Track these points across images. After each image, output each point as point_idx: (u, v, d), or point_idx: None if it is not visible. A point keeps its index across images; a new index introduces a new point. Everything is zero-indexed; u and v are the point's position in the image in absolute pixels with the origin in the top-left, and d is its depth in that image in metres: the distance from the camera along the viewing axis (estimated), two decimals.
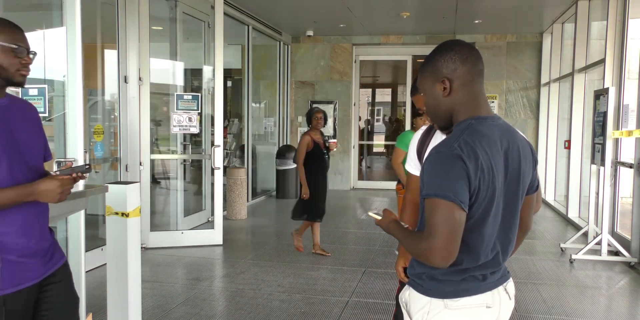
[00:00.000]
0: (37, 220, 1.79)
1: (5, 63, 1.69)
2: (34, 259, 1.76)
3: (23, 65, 1.73)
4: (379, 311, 3.76)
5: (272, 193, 9.27)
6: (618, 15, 5.66)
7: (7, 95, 1.78)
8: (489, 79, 9.42)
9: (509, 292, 1.60)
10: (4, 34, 1.68)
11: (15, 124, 1.75)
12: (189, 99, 5.55)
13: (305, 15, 8.28)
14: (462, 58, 1.50)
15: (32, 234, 1.76)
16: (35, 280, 1.77)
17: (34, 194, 1.68)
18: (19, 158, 1.72)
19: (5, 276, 1.67)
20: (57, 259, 1.88)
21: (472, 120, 1.49)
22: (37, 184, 1.68)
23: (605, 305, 3.93)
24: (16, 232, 1.71)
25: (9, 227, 1.69)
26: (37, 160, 1.82)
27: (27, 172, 1.74)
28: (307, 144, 5.12)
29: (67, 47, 3.81)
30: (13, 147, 1.71)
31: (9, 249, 1.69)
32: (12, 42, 1.69)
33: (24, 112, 1.83)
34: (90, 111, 6.04)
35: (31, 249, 1.75)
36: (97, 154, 5.41)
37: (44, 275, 1.80)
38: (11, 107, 1.77)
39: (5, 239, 1.69)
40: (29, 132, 1.80)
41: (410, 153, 2.12)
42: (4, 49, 1.68)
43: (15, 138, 1.73)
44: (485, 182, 1.40)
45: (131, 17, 5.21)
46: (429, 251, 1.37)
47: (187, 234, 5.68)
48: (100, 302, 3.59)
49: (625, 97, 5.39)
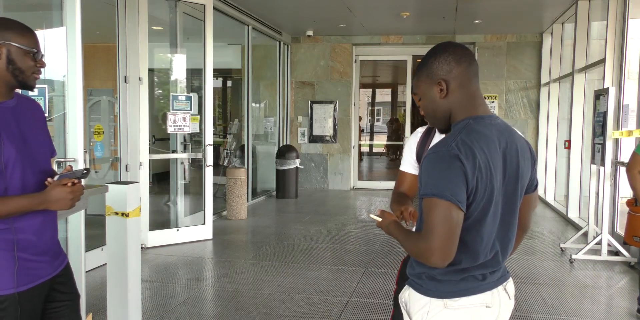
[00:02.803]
0: (48, 219, 1.81)
1: (24, 66, 1.71)
2: (45, 257, 1.79)
3: (38, 69, 1.76)
4: (379, 311, 3.76)
5: (272, 193, 9.27)
6: (618, 15, 5.66)
7: (15, 95, 1.80)
8: (489, 79, 9.43)
9: (508, 291, 1.60)
10: (24, 38, 1.71)
11: (26, 125, 1.77)
12: (183, 99, 5.68)
13: (305, 15, 8.29)
14: (456, 59, 1.51)
15: (45, 232, 1.79)
16: (46, 278, 1.79)
17: (45, 203, 1.69)
18: (30, 159, 1.74)
19: (20, 274, 1.70)
20: (62, 259, 1.92)
21: (470, 120, 1.49)
22: (49, 193, 1.69)
23: (605, 305, 3.93)
24: (31, 232, 1.73)
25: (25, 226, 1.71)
26: (46, 160, 1.84)
27: (38, 174, 1.75)
28: None
29: (67, 47, 3.82)
30: (25, 149, 1.72)
31: (24, 247, 1.71)
32: (32, 46, 1.72)
33: (31, 110, 1.84)
34: (90, 111, 6.05)
35: (43, 248, 1.78)
36: (97, 154, 5.42)
37: (54, 273, 1.83)
38: (20, 107, 1.78)
39: (21, 237, 1.71)
40: (37, 130, 1.82)
41: (406, 152, 2.13)
42: (25, 53, 1.71)
43: (27, 139, 1.74)
44: (483, 182, 1.41)
45: (131, 17, 5.21)
46: (426, 251, 1.37)
47: (182, 231, 5.82)
48: (100, 302, 3.59)
49: (625, 97, 5.39)
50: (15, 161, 1.67)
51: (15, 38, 1.68)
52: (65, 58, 3.82)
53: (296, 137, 10.11)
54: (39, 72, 1.78)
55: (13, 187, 1.67)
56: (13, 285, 1.67)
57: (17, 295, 1.68)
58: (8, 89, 1.73)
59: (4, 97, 1.73)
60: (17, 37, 1.69)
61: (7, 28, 1.69)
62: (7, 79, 1.71)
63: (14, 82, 1.73)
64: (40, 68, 1.76)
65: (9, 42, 1.67)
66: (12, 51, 1.68)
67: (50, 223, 1.83)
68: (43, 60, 1.77)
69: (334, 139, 10.04)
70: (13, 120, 1.72)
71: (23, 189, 1.70)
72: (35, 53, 1.73)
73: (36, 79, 1.78)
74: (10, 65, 1.69)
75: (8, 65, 1.69)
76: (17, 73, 1.71)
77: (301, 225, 6.76)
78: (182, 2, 5.94)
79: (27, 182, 1.71)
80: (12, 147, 1.66)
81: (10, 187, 1.67)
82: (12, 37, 1.68)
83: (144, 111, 5.34)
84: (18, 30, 1.70)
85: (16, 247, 1.69)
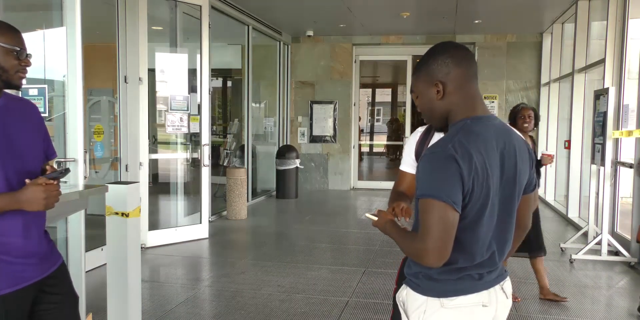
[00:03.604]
0: (34, 220, 1.78)
1: (7, 65, 1.70)
2: (31, 259, 1.77)
3: (22, 67, 1.74)
4: (379, 311, 3.76)
5: (272, 193, 9.27)
6: (618, 15, 5.66)
7: (5, 96, 1.77)
8: (489, 79, 9.43)
9: (505, 291, 1.60)
10: (5, 36, 1.70)
11: (13, 125, 1.74)
12: (180, 99, 5.71)
13: (305, 15, 8.29)
14: (455, 61, 1.50)
15: (30, 234, 1.76)
16: (33, 280, 1.77)
17: (19, 202, 1.65)
18: (15, 161, 1.71)
19: (3, 276, 1.68)
20: (54, 260, 1.89)
21: (468, 121, 1.49)
22: (22, 192, 1.65)
23: (605, 305, 3.93)
24: (14, 233, 1.71)
25: (7, 227, 1.69)
26: (35, 162, 1.81)
27: (24, 174, 1.72)
28: None
29: (67, 47, 3.81)
30: (9, 150, 1.70)
31: (7, 250, 1.70)
32: (14, 44, 1.71)
33: (22, 112, 1.82)
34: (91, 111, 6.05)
35: (29, 250, 1.76)
36: (97, 154, 5.42)
37: (42, 275, 1.80)
38: (8, 107, 1.76)
39: (3, 239, 1.69)
40: (27, 132, 1.79)
41: (406, 151, 2.13)
42: (7, 51, 1.69)
43: (13, 140, 1.72)
44: (479, 183, 1.41)
45: (131, 17, 5.22)
46: (422, 251, 1.38)
47: (180, 230, 5.85)
48: (100, 302, 3.59)
49: (625, 97, 5.39)
50: None
51: None
52: (65, 58, 3.82)
53: (296, 137, 10.11)
54: (24, 71, 1.76)
55: None
56: None
57: (1, 298, 1.67)
58: None
59: None
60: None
61: None
62: None
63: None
64: (25, 67, 1.75)
65: None
66: None
67: (36, 224, 1.80)
68: (28, 59, 1.75)
69: (334, 139, 10.04)
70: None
71: (8, 189, 1.67)
72: (18, 51, 1.71)
73: (21, 78, 1.76)
74: None
75: None
76: (0, 72, 1.69)
77: (301, 225, 6.76)
78: (182, 3, 5.95)
79: (11, 183, 1.69)
80: None
81: None
82: None
83: (143, 111, 5.35)
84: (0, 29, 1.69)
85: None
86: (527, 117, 3.86)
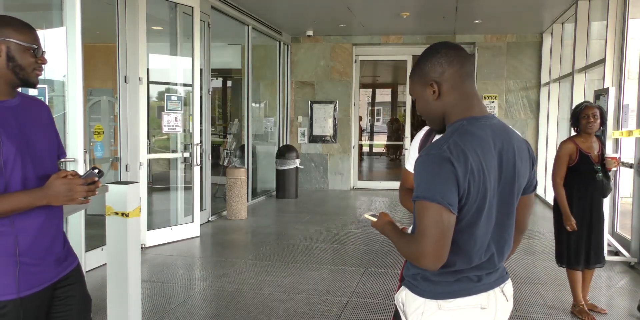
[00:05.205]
0: (52, 221, 1.77)
1: (25, 63, 1.69)
2: (48, 261, 1.75)
3: (39, 65, 1.74)
4: (379, 311, 3.76)
5: (272, 193, 9.27)
6: (618, 15, 5.66)
7: (18, 95, 1.77)
8: (489, 79, 9.43)
9: (506, 293, 1.59)
10: (24, 34, 1.69)
11: (28, 124, 1.74)
12: (175, 99, 5.74)
13: (305, 15, 8.29)
14: (448, 61, 1.50)
15: (47, 235, 1.75)
16: (51, 282, 1.76)
17: (47, 197, 1.65)
18: (32, 159, 1.71)
19: (21, 279, 1.66)
20: (70, 261, 1.87)
21: (464, 121, 1.48)
22: (48, 186, 1.65)
23: (605, 305, 3.93)
24: (32, 234, 1.69)
25: (26, 228, 1.68)
26: (50, 161, 1.81)
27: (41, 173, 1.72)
28: (569, 155, 3.55)
29: (67, 47, 3.82)
30: (27, 148, 1.70)
31: (25, 251, 1.68)
32: (31, 42, 1.70)
33: (36, 111, 1.81)
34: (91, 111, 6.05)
35: (46, 251, 1.74)
36: (97, 154, 5.41)
37: (57, 277, 1.79)
38: (23, 106, 1.76)
39: (22, 241, 1.67)
40: (40, 131, 1.79)
41: (411, 154, 2.13)
42: (24, 49, 1.69)
43: (29, 141, 1.72)
44: (475, 184, 1.40)
45: (131, 17, 5.22)
46: (418, 254, 1.38)
47: (175, 229, 5.87)
48: (100, 302, 3.59)
49: (625, 97, 5.39)
50: (15, 159, 1.64)
51: (15, 35, 1.67)
52: (65, 58, 3.82)
53: (296, 137, 10.11)
54: (41, 68, 1.75)
55: (14, 186, 1.65)
56: (15, 291, 1.64)
57: (19, 301, 1.65)
58: (9, 88, 1.71)
59: (5, 95, 1.70)
60: (16, 33, 1.67)
61: (6, 25, 1.67)
62: (8, 76, 1.68)
63: (15, 80, 1.70)
64: (41, 64, 1.74)
65: (8, 39, 1.66)
66: (11, 48, 1.66)
67: (54, 224, 1.79)
68: (44, 57, 1.75)
69: (334, 139, 10.04)
70: (13, 120, 1.69)
71: (25, 188, 1.67)
72: (35, 49, 1.71)
73: (38, 76, 1.76)
74: (11, 63, 1.67)
75: (8, 63, 1.67)
76: (18, 70, 1.69)
77: (301, 225, 6.77)
78: (181, 4, 5.95)
79: (28, 181, 1.68)
80: (11, 145, 1.64)
81: (11, 186, 1.64)
82: (11, 33, 1.66)
83: (143, 111, 5.35)
84: (17, 26, 1.69)
85: (18, 251, 1.65)
86: (591, 117, 3.48)
